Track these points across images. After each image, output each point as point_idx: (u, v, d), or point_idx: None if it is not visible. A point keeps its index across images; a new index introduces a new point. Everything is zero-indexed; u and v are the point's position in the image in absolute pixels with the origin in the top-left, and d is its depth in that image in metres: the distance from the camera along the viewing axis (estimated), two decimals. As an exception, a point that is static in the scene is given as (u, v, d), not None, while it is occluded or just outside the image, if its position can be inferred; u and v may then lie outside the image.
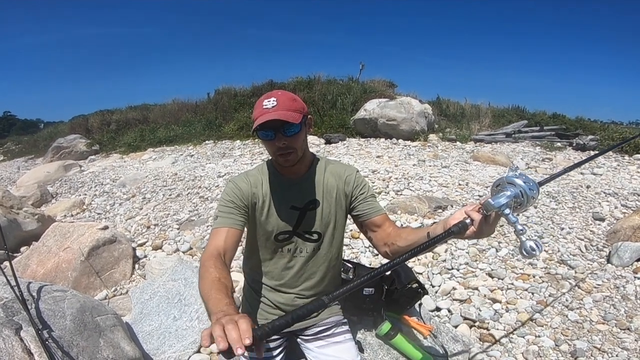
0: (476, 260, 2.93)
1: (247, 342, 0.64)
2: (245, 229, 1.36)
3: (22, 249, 3.78)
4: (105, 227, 3.31)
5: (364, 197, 1.35)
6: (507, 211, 0.82)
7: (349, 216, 1.42)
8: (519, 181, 0.82)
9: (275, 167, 1.34)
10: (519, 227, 0.80)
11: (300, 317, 0.72)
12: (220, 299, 0.89)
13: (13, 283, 1.56)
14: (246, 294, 1.50)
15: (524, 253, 0.80)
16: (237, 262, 2.82)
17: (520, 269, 2.83)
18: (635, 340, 2.10)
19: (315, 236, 1.36)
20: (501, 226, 3.48)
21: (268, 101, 1.16)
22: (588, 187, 4.68)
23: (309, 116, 1.25)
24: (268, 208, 1.31)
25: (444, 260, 2.95)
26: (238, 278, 2.63)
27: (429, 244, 0.84)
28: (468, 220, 0.89)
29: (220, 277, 1.01)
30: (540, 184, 0.90)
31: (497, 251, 3.06)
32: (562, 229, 3.46)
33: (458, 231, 0.88)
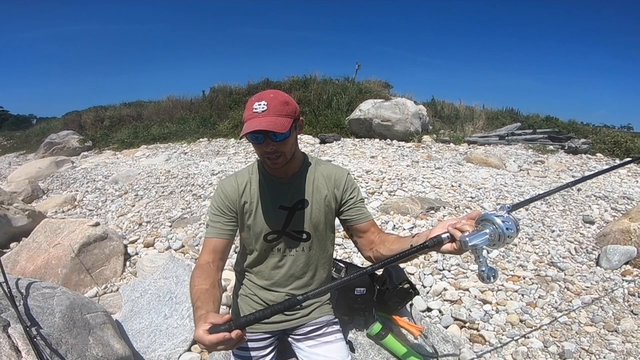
0: (467, 262, 2.95)
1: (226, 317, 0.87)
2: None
3: (11, 245, 3.74)
4: (97, 224, 3.28)
5: (353, 201, 1.36)
6: (479, 251, 0.86)
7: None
8: (498, 221, 0.84)
9: (264, 167, 1.34)
10: (483, 268, 0.85)
11: (274, 312, 0.85)
12: (199, 307, 1.03)
13: (1, 279, 1.54)
14: (237, 292, 1.50)
15: (481, 279, 0.86)
16: (230, 261, 2.81)
17: (511, 270, 2.86)
18: (623, 342, 2.13)
19: (304, 236, 1.36)
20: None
21: (259, 104, 1.14)
22: (579, 190, 4.73)
23: (300, 118, 1.24)
24: (256, 208, 1.32)
25: (436, 261, 2.97)
26: (230, 277, 2.62)
27: (401, 256, 0.89)
28: (445, 235, 0.90)
29: (202, 287, 1.13)
30: (514, 207, 0.92)
31: (488, 252, 3.08)
32: (553, 231, 3.49)
33: (432, 245, 0.90)
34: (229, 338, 0.84)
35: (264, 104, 1.13)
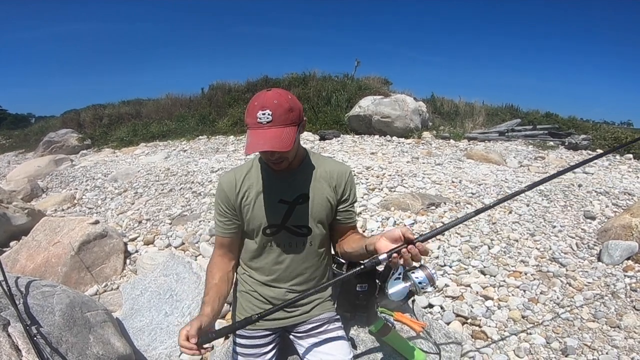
0: (469, 257, 2.94)
1: (193, 340, 1.06)
2: None
3: (11, 244, 3.73)
4: (96, 222, 3.27)
5: (349, 203, 1.38)
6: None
7: None
8: (413, 276, 1.09)
9: (266, 162, 1.33)
10: (388, 291, 1.11)
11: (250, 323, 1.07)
12: (203, 303, 1.24)
13: (1, 278, 1.53)
14: (238, 289, 1.49)
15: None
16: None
17: (512, 266, 2.85)
18: (625, 338, 2.13)
19: (304, 230, 1.35)
20: (493, 224, 3.50)
21: (263, 113, 1.10)
22: (580, 185, 4.72)
23: (304, 119, 1.22)
24: (255, 201, 1.31)
25: (437, 257, 2.96)
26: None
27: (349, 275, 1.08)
28: (382, 257, 1.03)
29: (212, 281, 1.33)
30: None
31: (489, 248, 3.07)
32: (554, 227, 3.48)
33: (370, 266, 1.06)
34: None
35: (269, 114, 1.10)
